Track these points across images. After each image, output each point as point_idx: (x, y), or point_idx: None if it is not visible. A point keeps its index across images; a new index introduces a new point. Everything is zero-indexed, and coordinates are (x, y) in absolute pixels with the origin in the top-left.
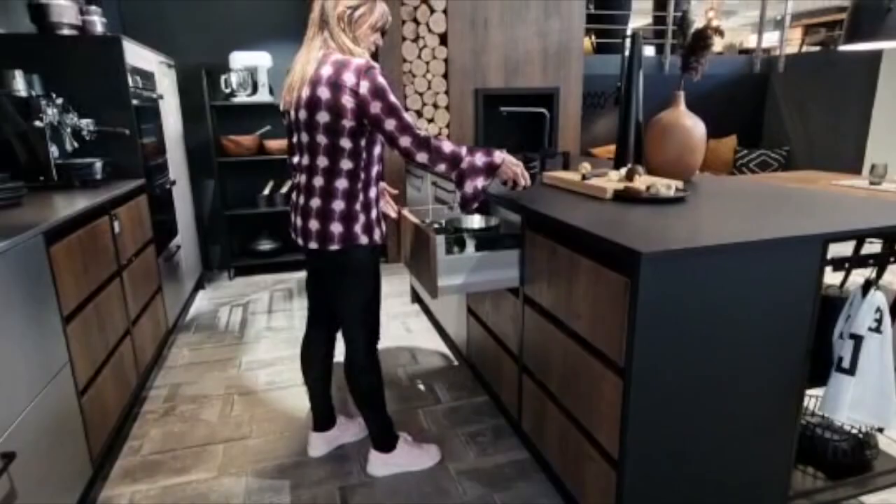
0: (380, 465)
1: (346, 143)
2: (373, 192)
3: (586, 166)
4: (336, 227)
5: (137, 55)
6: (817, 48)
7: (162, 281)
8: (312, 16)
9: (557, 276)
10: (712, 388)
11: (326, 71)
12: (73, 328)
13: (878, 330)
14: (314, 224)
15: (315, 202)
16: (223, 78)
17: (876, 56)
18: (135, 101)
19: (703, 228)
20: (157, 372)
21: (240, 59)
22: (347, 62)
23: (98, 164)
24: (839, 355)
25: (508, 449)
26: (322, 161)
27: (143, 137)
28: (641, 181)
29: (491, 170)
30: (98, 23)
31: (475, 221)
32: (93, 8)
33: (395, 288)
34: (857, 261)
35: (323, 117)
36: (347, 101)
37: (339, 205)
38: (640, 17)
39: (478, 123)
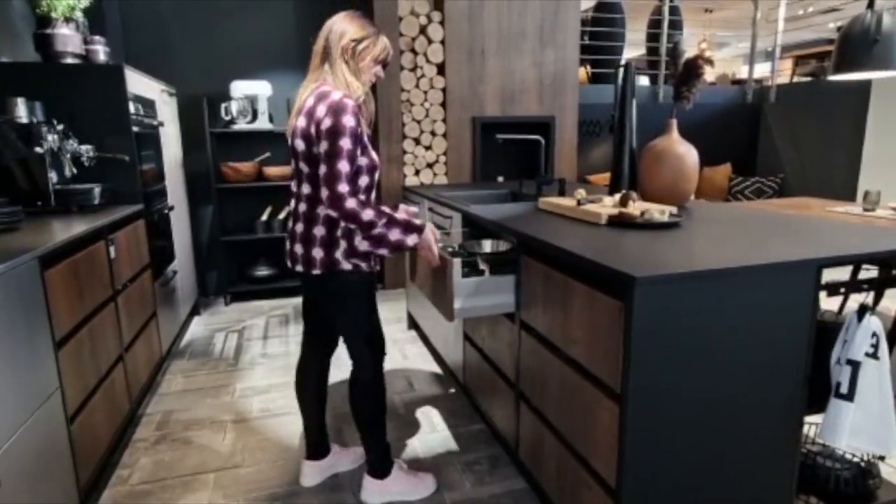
0: (374, 491)
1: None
2: None
3: (581, 192)
4: (317, 252)
5: (139, 83)
6: (808, 78)
7: (157, 306)
8: (316, 47)
9: (553, 301)
10: (710, 415)
11: (310, 101)
12: (65, 353)
13: (874, 356)
14: (299, 248)
15: (300, 227)
16: (223, 106)
17: (865, 85)
18: (135, 128)
19: (697, 253)
20: (149, 398)
21: (240, 88)
22: (327, 95)
23: (96, 190)
24: (837, 381)
25: (505, 478)
26: (306, 188)
27: (142, 164)
28: (636, 207)
29: (399, 249)
30: (101, 52)
31: (488, 246)
32: (97, 38)
33: (392, 314)
34: (852, 286)
35: (300, 145)
36: (313, 131)
37: (319, 230)
38: (634, 48)
39: (475, 151)
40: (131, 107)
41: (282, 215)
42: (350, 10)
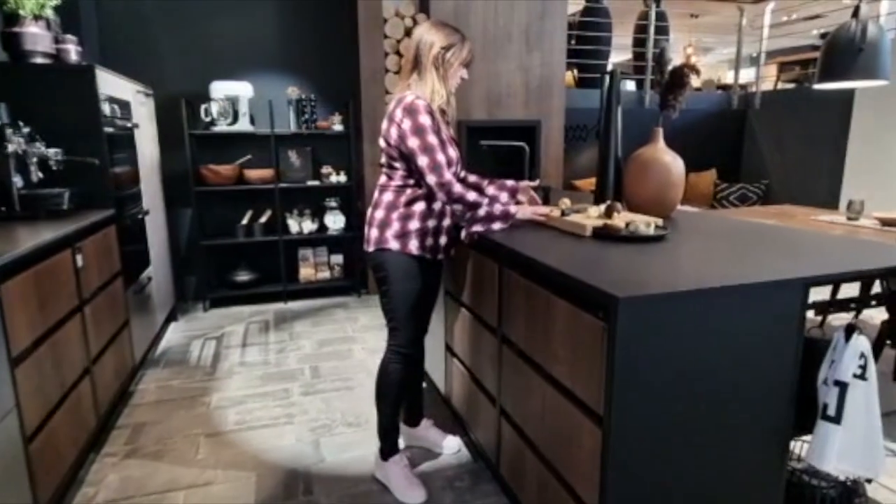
0: (378, 466)
1: (398, 164)
2: (419, 206)
3: (566, 202)
4: (373, 233)
5: (112, 84)
6: (792, 85)
7: (130, 314)
8: (406, 57)
9: (534, 317)
10: (695, 438)
11: (391, 107)
12: (23, 370)
13: (863, 377)
14: (367, 230)
15: (370, 212)
16: (203, 107)
17: (849, 94)
18: (108, 130)
19: (682, 270)
20: (120, 409)
21: (220, 89)
22: (402, 98)
23: (65, 195)
24: (824, 402)
25: (486, 495)
26: (382, 178)
27: (115, 167)
28: (621, 218)
29: (506, 217)
30: (73, 51)
31: None
32: (68, 37)
33: (374, 321)
34: (839, 304)
35: (382, 143)
36: (393, 131)
37: (379, 213)
38: (621, 53)
39: (462, 155)
40: (104, 108)
41: (263, 219)
42: (433, 19)
